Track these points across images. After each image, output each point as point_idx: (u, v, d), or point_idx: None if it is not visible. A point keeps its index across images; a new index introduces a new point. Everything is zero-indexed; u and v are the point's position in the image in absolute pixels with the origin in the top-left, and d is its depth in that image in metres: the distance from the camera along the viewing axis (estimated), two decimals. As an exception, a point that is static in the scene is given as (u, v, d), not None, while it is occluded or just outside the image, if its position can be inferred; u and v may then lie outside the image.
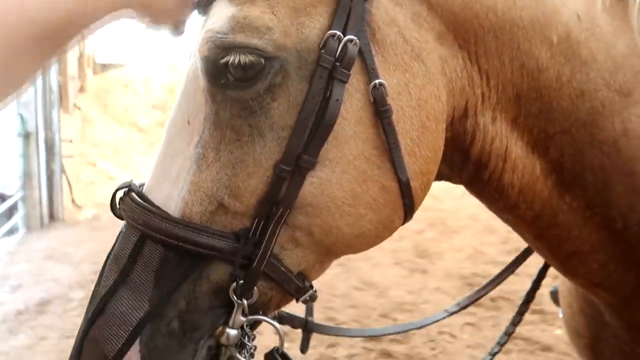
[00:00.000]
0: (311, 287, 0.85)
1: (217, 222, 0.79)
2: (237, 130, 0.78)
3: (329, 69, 0.76)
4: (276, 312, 0.92)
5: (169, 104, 13.35)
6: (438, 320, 1.12)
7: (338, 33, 0.77)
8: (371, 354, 3.61)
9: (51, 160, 7.87)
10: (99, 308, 0.79)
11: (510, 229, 1.02)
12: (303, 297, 0.85)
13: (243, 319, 0.80)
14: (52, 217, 7.83)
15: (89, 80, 12.72)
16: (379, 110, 0.79)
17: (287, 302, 0.88)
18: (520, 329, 1.13)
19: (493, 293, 4.82)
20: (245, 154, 0.78)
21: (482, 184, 0.94)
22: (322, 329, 1.02)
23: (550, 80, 0.86)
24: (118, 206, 0.84)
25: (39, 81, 7.52)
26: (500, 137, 0.89)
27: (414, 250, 5.79)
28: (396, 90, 0.80)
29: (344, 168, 0.79)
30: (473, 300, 1.18)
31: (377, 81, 0.78)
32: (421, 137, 0.83)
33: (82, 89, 11.81)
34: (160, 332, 0.78)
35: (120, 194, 0.85)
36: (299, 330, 1.04)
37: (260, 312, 0.83)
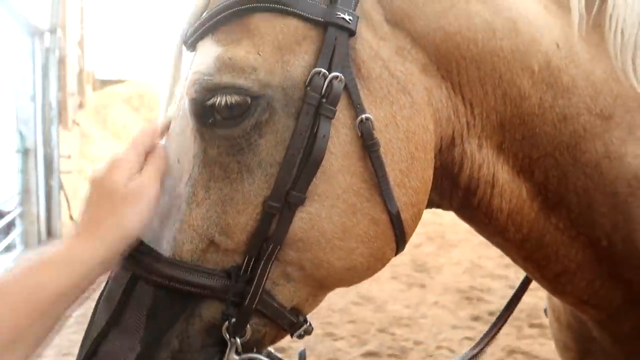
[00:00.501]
0: (305, 321, 0.85)
1: (209, 259, 0.79)
2: (226, 168, 0.79)
3: (315, 105, 0.77)
4: (270, 349, 0.91)
5: (167, 120, 13.36)
6: None
7: (323, 70, 0.77)
8: (369, 370, 3.60)
9: (50, 177, 7.89)
10: (91, 350, 0.79)
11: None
12: (298, 332, 0.85)
13: (236, 357, 0.79)
14: (49, 233, 7.81)
15: (88, 96, 12.80)
16: (367, 144, 0.79)
17: (282, 337, 0.87)
18: (519, 343, 1.13)
19: (493, 307, 4.77)
20: (234, 191, 0.78)
21: (471, 209, 0.94)
22: None
23: (533, 107, 0.88)
24: None
25: (39, 98, 7.58)
26: (487, 163, 0.90)
27: (412, 264, 5.79)
28: (383, 123, 0.81)
29: (333, 202, 0.79)
30: (482, 347, 1.17)
31: (363, 116, 0.79)
32: (410, 169, 0.83)
33: (81, 105, 11.87)
34: None
35: None
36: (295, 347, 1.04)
37: (255, 350, 0.82)
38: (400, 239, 0.85)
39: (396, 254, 0.88)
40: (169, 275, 0.77)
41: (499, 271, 5.62)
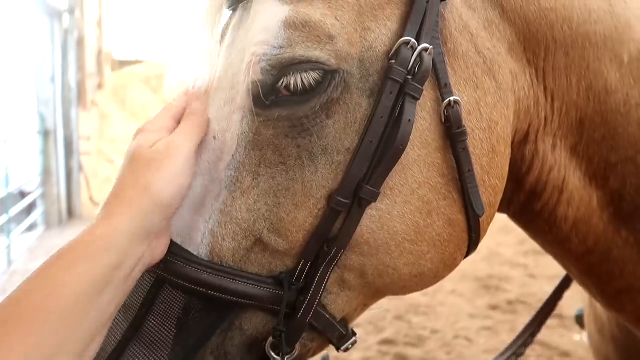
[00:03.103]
0: (354, 333, 0.75)
1: (253, 261, 0.67)
2: (282, 152, 0.66)
3: (400, 83, 0.65)
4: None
5: (185, 100, 13.39)
6: None
7: (412, 40, 0.66)
8: (386, 358, 3.59)
9: (70, 158, 7.99)
10: None
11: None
12: (345, 346, 0.74)
13: None
14: (70, 213, 7.95)
15: (107, 77, 12.86)
16: (453, 132, 0.68)
17: (322, 350, 0.78)
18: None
19: (512, 296, 4.69)
20: (292, 181, 0.66)
21: (531, 215, 0.86)
22: None
23: (618, 104, 0.80)
24: None
25: (58, 79, 7.62)
26: (559, 166, 0.82)
27: (429, 250, 5.73)
28: (466, 110, 0.70)
29: (406, 198, 0.68)
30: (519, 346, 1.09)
31: (452, 98, 0.68)
32: (491, 164, 0.74)
33: (100, 86, 11.93)
34: None
35: None
36: None
37: None
38: (473, 243, 0.76)
39: (464, 259, 0.79)
40: (205, 282, 0.64)
41: (518, 259, 5.55)
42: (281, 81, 0.65)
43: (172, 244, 0.67)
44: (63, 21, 7.65)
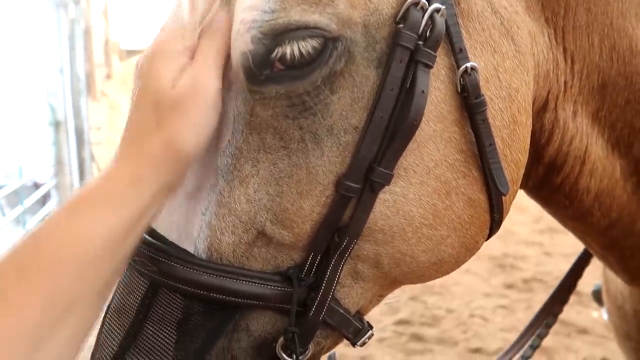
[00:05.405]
0: (370, 326, 0.70)
1: (257, 256, 0.62)
2: (283, 135, 0.60)
3: (411, 50, 0.59)
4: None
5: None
6: None
7: (422, 0, 0.59)
8: (402, 338, 3.59)
9: (81, 148, 8.03)
10: None
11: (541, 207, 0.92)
12: (361, 340, 0.69)
13: None
14: (84, 203, 8.02)
15: (115, 67, 12.86)
16: (471, 102, 0.62)
17: (336, 346, 0.73)
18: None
19: (527, 274, 4.67)
20: (295, 166, 0.60)
21: (551, 189, 0.82)
22: None
23: None
24: None
25: (67, 70, 7.63)
26: (581, 135, 0.77)
27: (443, 231, 5.70)
28: (484, 77, 0.64)
29: (422, 179, 0.62)
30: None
31: (469, 64, 0.61)
32: (513, 137, 0.68)
33: (108, 76, 11.94)
34: None
35: None
36: None
37: None
38: (495, 224, 0.71)
39: (486, 240, 0.73)
40: (205, 283, 0.59)
41: (533, 237, 5.50)
42: (275, 51, 0.57)
43: (167, 243, 0.62)
44: (69, 11, 7.64)
